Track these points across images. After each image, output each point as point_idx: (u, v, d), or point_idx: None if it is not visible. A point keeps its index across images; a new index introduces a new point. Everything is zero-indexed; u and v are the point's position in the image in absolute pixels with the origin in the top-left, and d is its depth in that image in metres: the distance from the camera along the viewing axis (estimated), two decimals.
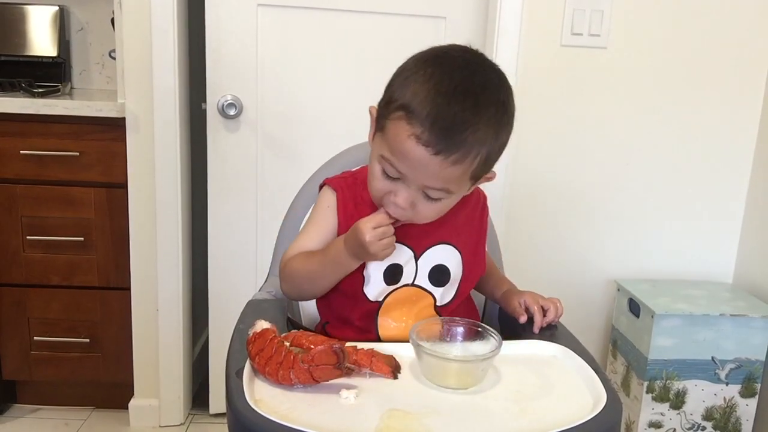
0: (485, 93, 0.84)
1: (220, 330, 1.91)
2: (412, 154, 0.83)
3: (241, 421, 0.71)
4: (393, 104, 0.85)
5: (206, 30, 1.77)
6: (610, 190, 1.87)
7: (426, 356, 0.82)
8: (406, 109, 0.83)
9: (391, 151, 0.85)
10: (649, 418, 1.71)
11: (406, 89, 0.84)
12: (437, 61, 0.85)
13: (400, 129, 0.83)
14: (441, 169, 0.83)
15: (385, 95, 0.89)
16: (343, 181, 1.01)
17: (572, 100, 1.81)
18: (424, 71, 0.84)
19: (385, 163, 0.87)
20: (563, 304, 1.01)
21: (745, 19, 1.79)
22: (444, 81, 0.82)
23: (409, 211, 0.89)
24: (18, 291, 1.85)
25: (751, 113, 1.84)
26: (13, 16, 2.11)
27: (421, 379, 0.83)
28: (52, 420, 1.93)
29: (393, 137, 0.84)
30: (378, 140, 0.89)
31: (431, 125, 0.81)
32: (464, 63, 0.86)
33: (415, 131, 0.82)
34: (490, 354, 0.83)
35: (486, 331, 0.88)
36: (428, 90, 0.82)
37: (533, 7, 1.74)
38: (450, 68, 0.84)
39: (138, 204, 1.80)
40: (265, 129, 1.85)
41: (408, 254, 0.98)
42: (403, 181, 0.87)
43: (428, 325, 0.90)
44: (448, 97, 0.82)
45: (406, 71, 0.86)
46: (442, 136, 0.81)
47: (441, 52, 0.88)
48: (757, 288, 1.83)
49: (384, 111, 0.87)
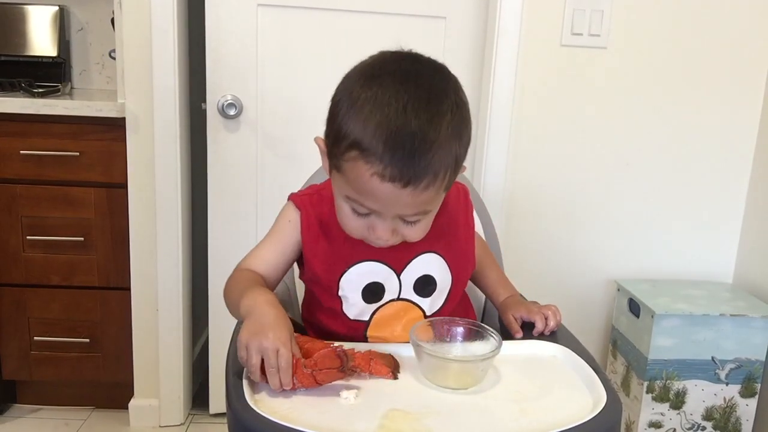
0: (436, 101, 0.78)
1: (220, 330, 1.91)
2: (379, 192, 0.77)
3: (241, 421, 0.71)
4: (343, 142, 0.78)
5: (206, 30, 1.77)
6: (610, 190, 1.87)
7: (426, 356, 0.82)
8: (359, 146, 0.76)
9: (356, 191, 0.80)
10: (649, 418, 1.71)
11: (351, 122, 0.77)
12: (375, 82, 0.78)
13: (359, 170, 0.77)
14: (413, 198, 0.78)
15: (331, 130, 0.81)
16: (308, 198, 0.96)
17: (572, 100, 1.81)
18: (365, 96, 0.77)
19: (351, 202, 0.82)
20: (563, 304, 1.01)
21: (745, 19, 1.79)
22: (391, 104, 0.75)
23: (393, 238, 0.85)
24: (18, 291, 1.85)
25: (751, 113, 1.84)
26: (13, 16, 2.11)
27: (421, 379, 0.83)
28: (52, 420, 1.93)
29: (354, 179, 0.78)
30: (338, 180, 0.83)
31: (391, 159, 0.74)
32: (404, 75, 0.79)
33: (376, 170, 0.75)
34: (490, 354, 0.82)
35: (486, 331, 0.88)
36: (377, 119, 0.75)
37: (533, 7, 1.74)
38: (392, 88, 0.76)
39: (138, 204, 1.80)
40: (265, 129, 1.85)
41: (387, 271, 0.94)
42: (376, 215, 0.82)
43: (428, 326, 0.90)
44: (400, 120, 0.74)
45: (345, 99, 0.79)
46: (406, 168, 0.75)
47: (376, 67, 0.81)
48: (757, 288, 1.83)
49: (335, 149, 0.80)
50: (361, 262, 0.93)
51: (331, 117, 0.82)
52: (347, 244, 0.92)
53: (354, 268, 0.93)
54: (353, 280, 0.93)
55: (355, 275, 0.93)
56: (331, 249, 0.93)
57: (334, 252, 0.93)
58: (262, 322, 0.77)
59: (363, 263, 0.93)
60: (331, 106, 0.82)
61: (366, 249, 0.91)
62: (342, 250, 0.93)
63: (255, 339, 0.75)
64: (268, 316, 0.78)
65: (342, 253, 0.93)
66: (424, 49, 0.87)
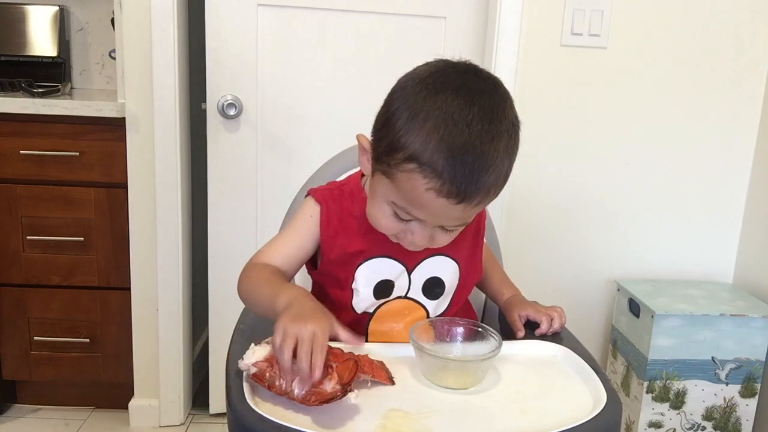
0: (497, 121, 0.78)
1: (220, 330, 1.91)
2: (432, 206, 0.78)
3: (241, 421, 0.71)
4: (399, 153, 0.78)
5: (206, 30, 1.77)
6: (610, 190, 1.87)
7: (426, 356, 0.82)
8: (418, 160, 0.76)
9: (405, 200, 0.80)
10: (649, 418, 1.71)
11: (412, 135, 0.77)
12: (439, 96, 0.77)
13: (415, 182, 0.77)
14: (463, 213, 0.80)
15: (385, 136, 0.80)
16: (329, 193, 0.96)
17: (572, 100, 1.81)
18: (428, 109, 0.76)
19: (396, 208, 0.82)
20: (563, 304, 1.01)
21: (745, 19, 1.79)
22: (454, 120, 0.75)
23: (426, 244, 0.86)
24: (18, 291, 1.85)
25: (751, 113, 1.84)
26: (13, 16, 2.11)
27: (420, 379, 0.83)
28: (52, 420, 1.93)
29: (408, 189, 0.79)
30: (384, 185, 0.82)
31: (451, 177, 0.75)
32: (468, 91, 0.78)
33: (434, 185, 0.76)
34: (490, 354, 0.82)
35: (486, 331, 0.88)
36: (440, 135, 0.75)
37: (533, 7, 1.74)
38: (456, 102, 0.76)
39: (138, 204, 1.80)
40: (265, 129, 1.85)
41: (399, 269, 0.95)
42: (419, 223, 0.83)
43: (428, 326, 0.90)
44: (462, 140, 0.75)
45: (405, 109, 0.78)
46: (464, 186, 0.76)
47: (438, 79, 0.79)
48: (757, 288, 1.83)
49: (388, 158, 0.80)
50: (375, 257, 0.94)
51: (385, 124, 0.81)
52: (364, 239, 0.93)
53: (368, 262, 0.94)
54: (367, 275, 0.94)
55: (369, 270, 0.94)
56: (349, 243, 0.94)
57: (351, 246, 0.94)
58: (302, 312, 0.76)
59: (377, 259, 0.94)
60: (386, 114, 0.81)
61: (381, 245, 0.92)
62: (358, 244, 0.94)
63: (293, 324, 0.74)
64: (308, 307, 0.78)
65: (358, 247, 0.94)
66: (424, 49, 0.87)
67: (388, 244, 0.91)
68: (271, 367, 0.76)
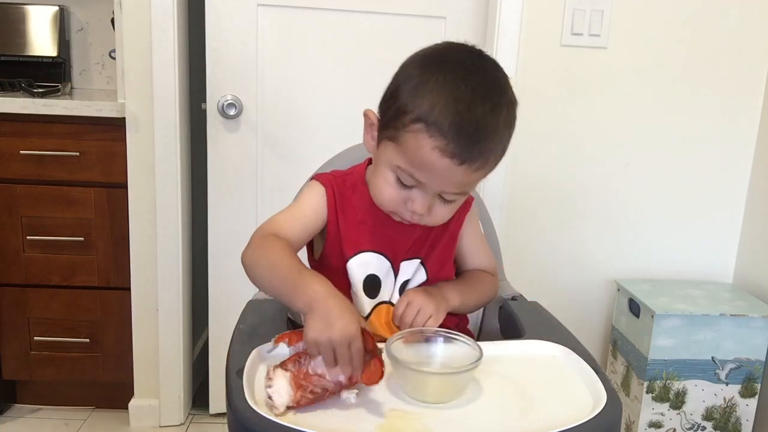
0: (497, 94, 0.84)
1: (220, 330, 1.91)
2: (437, 165, 0.82)
3: (241, 421, 0.71)
4: (407, 115, 0.83)
5: (206, 30, 1.77)
6: (610, 190, 1.87)
7: (403, 370, 0.78)
8: (425, 121, 0.81)
9: (410, 162, 0.84)
10: (649, 418, 1.71)
11: (420, 99, 0.82)
12: (446, 66, 0.83)
13: (421, 142, 0.81)
14: (464, 177, 0.84)
15: (393, 103, 0.86)
16: (333, 179, 0.99)
17: (572, 99, 1.81)
18: (435, 79, 0.82)
19: (401, 172, 0.86)
20: (563, 304, 1.01)
21: (745, 19, 1.79)
22: (460, 87, 0.81)
23: (426, 216, 0.89)
24: (18, 291, 1.85)
25: (751, 113, 1.84)
26: (13, 16, 2.11)
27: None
28: (52, 420, 1.93)
29: (413, 150, 0.83)
30: (390, 150, 0.87)
31: (455, 136, 0.80)
32: (472, 65, 0.84)
33: (439, 144, 0.80)
34: (470, 366, 0.79)
35: (466, 341, 0.84)
36: (446, 99, 0.80)
37: (533, 7, 1.74)
38: (462, 73, 0.82)
39: (138, 204, 1.80)
40: (265, 129, 1.85)
41: (386, 268, 0.98)
42: (420, 189, 0.87)
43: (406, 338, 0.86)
44: (467, 104, 0.80)
45: (414, 78, 0.84)
46: (467, 147, 0.81)
47: (444, 54, 0.86)
48: (757, 288, 1.83)
49: (395, 122, 0.85)
50: (365, 251, 0.96)
51: (393, 94, 0.86)
52: (358, 230, 0.96)
53: (360, 255, 0.96)
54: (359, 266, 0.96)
55: (360, 262, 0.97)
56: (346, 230, 0.96)
57: (347, 233, 0.96)
58: (328, 317, 0.75)
59: (367, 253, 0.97)
60: (395, 85, 0.87)
61: (372, 239, 0.96)
62: (353, 234, 0.96)
63: (324, 333, 0.74)
64: (333, 309, 0.76)
65: (353, 236, 0.96)
66: None
67: (378, 240, 0.94)
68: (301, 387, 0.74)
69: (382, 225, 0.96)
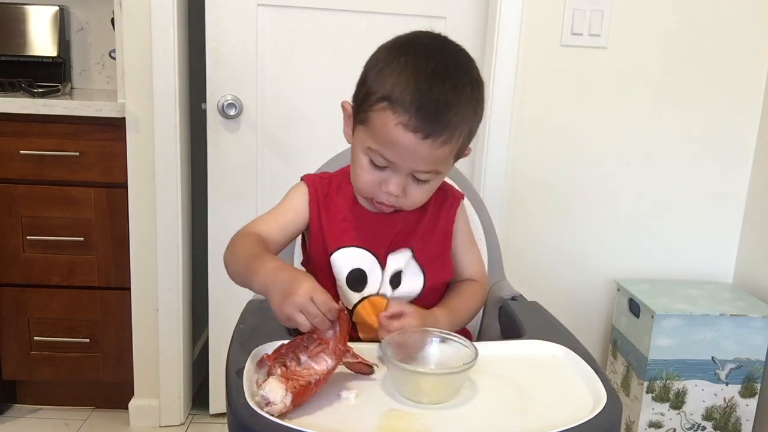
0: (460, 73, 0.88)
1: (220, 330, 1.91)
2: (402, 141, 0.85)
3: (241, 421, 0.71)
4: (373, 96, 0.87)
5: (206, 30, 1.77)
6: (610, 190, 1.87)
7: (398, 371, 0.78)
8: (389, 99, 0.85)
9: (378, 141, 0.87)
10: (649, 418, 1.71)
11: (384, 80, 0.86)
12: (408, 50, 0.88)
13: (386, 119, 0.85)
14: (430, 152, 0.86)
15: (361, 89, 0.91)
16: (318, 179, 1.03)
17: (572, 100, 1.81)
18: (397, 61, 0.87)
19: (372, 153, 0.89)
20: (563, 304, 1.01)
21: (745, 19, 1.78)
22: (420, 67, 0.85)
23: (402, 197, 0.91)
24: (18, 291, 1.85)
25: (752, 113, 1.84)
26: (13, 16, 2.11)
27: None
28: (52, 420, 1.93)
29: (380, 128, 0.86)
30: (361, 133, 0.91)
31: (417, 111, 0.83)
32: (434, 48, 0.89)
33: (402, 119, 0.84)
34: (465, 366, 0.79)
35: (461, 341, 0.84)
36: (407, 78, 0.84)
37: (533, 7, 1.74)
38: (423, 55, 0.87)
39: (138, 204, 1.80)
40: (265, 129, 1.85)
41: (372, 261, 0.99)
42: (392, 169, 0.89)
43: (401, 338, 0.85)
44: (428, 82, 0.84)
45: (378, 63, 0.89)
46: (428, 120, 0.84)
47: (409, 40, 0.91)
48: (757, 288, 1.83)
49: (364, 104, 0.89)
50: (348, 246, 0.98)
51: (361, 81, 0.92)
52: (341, 226, 0.99)
53: (343, 250, 0.98)
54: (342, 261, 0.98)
55: (343, 257, 0.98)
56: (328, 226, 0.99)
57: (329, 229, 0.99)
58: (283, 288, 0.79)
59: (351, 248, 0.99)
60: (362, 73, 0.92)
61: (354, 235, 0.98)
62: (335, 230, 0.99)
63: (286, 304, 0.77)
64: (285, 280, 0.80)
65: (335, 232, 0.99)
66: None
67: (361, 235, 0.97)
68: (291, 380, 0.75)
69: (365, 221, 0.99)
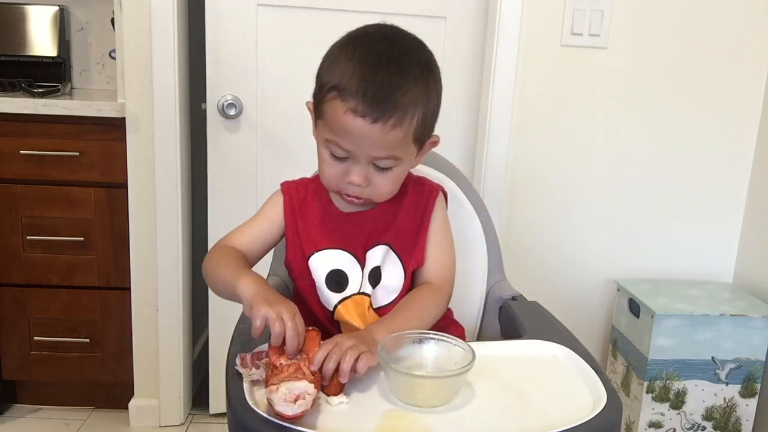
0: (406, 57, 0.89)
1: (220, 330, 1.91)
2: (353, 127, 0.86)
3: (241, 421, 0.71)
4: (324, 88, 0.89)
5: (206, 30, 1.77)
6: (610, 190, 1.87)
7: (395, 374, 0.77)
8: (337, 88, 0.87)
9: (333, 131, 0.89)
10: (649, 418, 1.71)
11: (333, 71, 0.88)
12: (357, 41, 0.90)
13: (336, 108, 0.87)
14: (383, 136, 0.86)
15: (316, 84, 0.93)
16: (294, 186, 1.05)
17: (572, 100, 1.81)
18: (346, 51, 0.89)
19: (330, 145, 0.91)
20: (564, 304, 1.01)
21: (745, 19, 1.78)
22: (366, 54, 0.87)
23: (368, 188, 0.92)
24: (18, 291, 1.85)
25: (752, 113, 1.84)
26: (13, 16, 2.11)
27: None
28: (52, 420, 1.93)
29: (332, 117, 0.88)
30: (320, 126, 0.93)
31: (363, 96, 0.85)
32: (382, 36, 0.91)
33: (350, 106, 0.85)
34: (462, 369, 0.78)
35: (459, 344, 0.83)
36: (354, 66, 0.86)
37: (533, 7, 1.74)
38: (370, 42, 0.89)
39: (138, 204, 1.80)
40: (265, 129, 1.85)
41: (350, 261, 0.99)
42: (352, 159, 0.90)
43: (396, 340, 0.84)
44: (373, 67, 0.86)
45: (330, 56, 0.91)
46: (375, 104, 0.85)
47: (358, 32, 0.93)
48: (757, 288, 1.83)
49: (318, 97, 0.92)
50: (326, 249, 0.99)
51: (317, 76, 0.93)
52: (317, 230, 1.00)
53: (320, 252, 0.99)
54: (320, 263, 0.99)
55: (321, 259, 0.99)
56: (305, 231, 1.01)
57: (306, 234, 1.01)
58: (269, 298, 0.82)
59: (328, 250, 1.00)
60: (319, 67, 0.93)
61: (331, 238, 0.99)
62: (312, 234, 1.00)
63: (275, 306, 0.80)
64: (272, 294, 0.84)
65: (312, 236, 1.00)
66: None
67: (337, 237, 0.98)
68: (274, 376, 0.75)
69: (340, 222, 1.00)
